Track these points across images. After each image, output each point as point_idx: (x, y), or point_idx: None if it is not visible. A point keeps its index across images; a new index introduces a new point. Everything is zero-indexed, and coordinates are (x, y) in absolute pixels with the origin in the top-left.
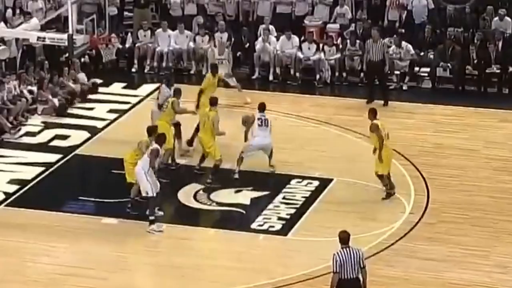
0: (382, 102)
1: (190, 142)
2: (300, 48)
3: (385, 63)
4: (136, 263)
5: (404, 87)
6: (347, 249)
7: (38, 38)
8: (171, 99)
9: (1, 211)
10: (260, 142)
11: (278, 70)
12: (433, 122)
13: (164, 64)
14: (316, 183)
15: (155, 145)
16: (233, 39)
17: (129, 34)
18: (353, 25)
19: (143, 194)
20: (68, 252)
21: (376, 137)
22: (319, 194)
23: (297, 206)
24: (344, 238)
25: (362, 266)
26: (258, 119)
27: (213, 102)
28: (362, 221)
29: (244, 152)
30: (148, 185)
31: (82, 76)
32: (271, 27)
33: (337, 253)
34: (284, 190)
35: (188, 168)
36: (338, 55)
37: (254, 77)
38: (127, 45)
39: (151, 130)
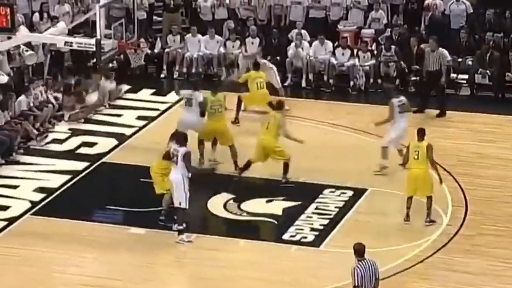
0: (438, 112)
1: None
2: (333, 53)
3: (442, 74)
4: (164, 274)
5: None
6: (364, 261)
7: (66, 43)
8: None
9: (27, 220)
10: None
11: (311, 77)
12: (471, 130)
13: (193, 70)
14: (350, 193)
15: (184, 149)
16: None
17: (158, 39)
18: (388, 30)
19: (176, 205)
20: (95, 262)
21: (429, 158)
22: (353, 204)
23: (330, 216)
24: (360, 250)
25: (377, 277)
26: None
27: (279, 106)
28: (397, 233)
29: None
30: (184, 196)
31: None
32: (304, 32)
33: (357, 266)
34: (317, 200)
35: (218, 177)
36: (373, 61)
37: (286, 83)
38: (156, 50)
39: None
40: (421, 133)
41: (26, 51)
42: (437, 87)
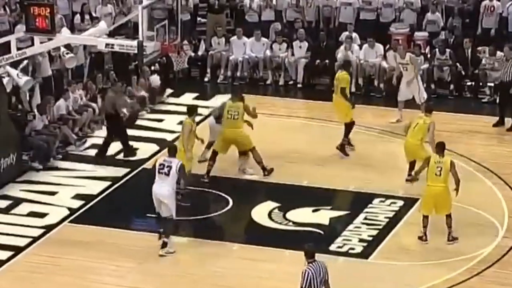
0: (497, 121)
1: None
2: (384, 57)
3: None
4: (205, 285)
5: (498, 100)
6: (314, 263)
7: (107, 45)
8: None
9: (65, 228)
10: None
11: (360, 81)
12: None
13: (238, 74)
14: (400, 202)
15: (178, 161)
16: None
17: (202, 41)
18: (443, 32)
19: (167, 215)
20: (134, 272)
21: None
22: (404, 214)
23: (380, 227)
24: (310, 252)
25: (326, 279)
26: None
27: (429, 110)
28: (450, 245)
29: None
30: (175, 207)
31: (155, 79)
32: (354, 34)
33: (308, 268)
34: (366, 210)
35: (261, 184)
36: (426, 65)
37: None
38: (199, 53)
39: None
40: (441, 147)
41: (67, 53)
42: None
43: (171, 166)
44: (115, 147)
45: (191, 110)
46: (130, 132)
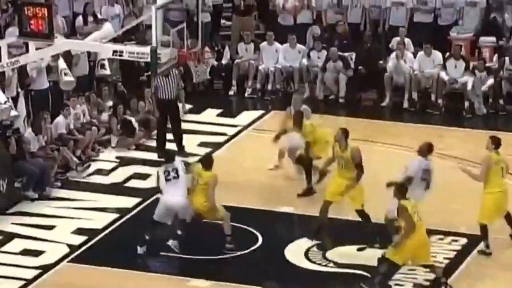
0: None
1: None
2: (444, 67)
3: None
4: None
5: None
6: None
7: (114, 52)
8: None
9: (64, 268)
10: None
11: (415, 95)
12: None
13: (269, 86)
14: (463, 240)
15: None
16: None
17: (227, 47)
18: None
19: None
20: None
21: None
22: (467, 255)
23: None
24: None
25: None
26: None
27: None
28: None
29: None
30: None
31: None
32: (407, 40)
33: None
34: None
35: (297, 218)
36: (491, 81)
37: (384, 103)
38: (223, 62)
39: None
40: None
41: (65, 74)
42: None
43: (177, 168)
44: (124, 173)
45: (210, 162)
46: (142, 154)
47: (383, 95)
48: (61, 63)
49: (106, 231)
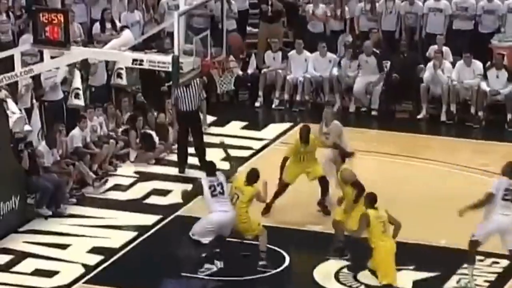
0: None
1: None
2: (484, 77)
3: None
4: None
5: None
6: None
7: (134, 60)
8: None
9: None
10: None
11: (453, 108)
12: None
13: (298, 97)
14: (504, 262)
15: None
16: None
17: (253, 56)
18: None
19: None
20: None
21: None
22: (509, 278)
23: None
24: None
25: None
26: None
27: None
28: None
29: None
30: None
31: None
32: (445, 48)
33: None
34: (459, 271)
35: (327, 237)
36: None
37: (420, 116)
38: (249, 71)
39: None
40: None
41: (76, 96)
42: None
43: (222, 183)
44: (143, 189)
45: (255, 177)
46: (162, 169)
47: (419, 107)
48: (76, 81)
49: (124, 251)
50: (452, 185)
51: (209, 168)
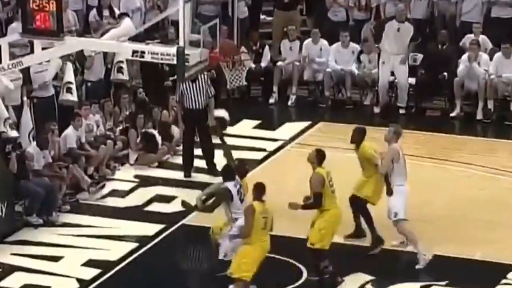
0: None
1: None
2: None
3: None
4: None
5: None
6: None
7: (134, 52)
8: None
9: None
10: None
11: (490, 105)
12: None
13: (320, 93)
14: None
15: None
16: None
17: (267, 47)
18: None
19: None
20: None
21: None
22: None
23: None
24: None
25: None
26: None
27: None
28: None
29: None
30: None
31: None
32: (482, 37)
33: None
34: (499, 286)
35: (349, 249)
36: None
37: (453, 114)
38: (263, 64)
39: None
40: None
41: (68, 90)
42: None
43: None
44: (144, 195)
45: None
46: (165, 173)
47: (453, 104)
48: (69, 74)
49: (123, 264)
50: (490, 192)
51: (228, 171)
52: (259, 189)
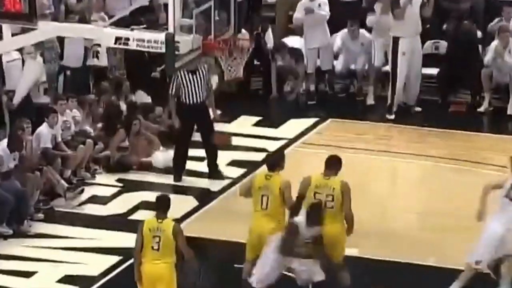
0: None
1: None
2: None
3: None
4: None
5: None
6: None
7: (117, 39)
8: None
9: None
10: None
11: None
12: None
13: (326, 87)
14: None
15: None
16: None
17: (270, 29)
18: None
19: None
20: None
21: None
22: None
23: None
24: None
25: None
26: None
27: None
28: None
29: None
30: None
31: None
32: None
33: None
34: None
35: (355, 261)
36: None
37: (481, 109)
38: (269, 45)
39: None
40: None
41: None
42: None
43: None
44: (128, 201)
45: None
46: (152, 177)
47: (480, 98)
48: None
49: (104, 280)
50: None
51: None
52: (159, 202)
